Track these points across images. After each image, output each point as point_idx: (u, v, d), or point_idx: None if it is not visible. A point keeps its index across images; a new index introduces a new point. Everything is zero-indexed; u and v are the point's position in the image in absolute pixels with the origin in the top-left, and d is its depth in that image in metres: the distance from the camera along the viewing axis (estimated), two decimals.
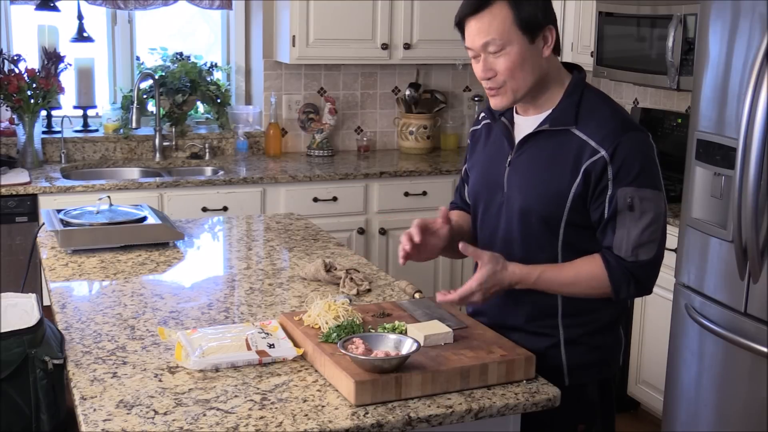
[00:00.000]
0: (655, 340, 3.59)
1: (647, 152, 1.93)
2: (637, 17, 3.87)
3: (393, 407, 1.74)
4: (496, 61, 1.91)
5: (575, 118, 1.95)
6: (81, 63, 4.53)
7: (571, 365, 2.04)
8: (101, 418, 1.68)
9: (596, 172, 1.90)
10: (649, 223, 1.91)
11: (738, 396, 2.77)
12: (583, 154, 1.92)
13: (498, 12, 1.88)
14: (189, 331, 2.02)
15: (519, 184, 2.00)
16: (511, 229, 2.03)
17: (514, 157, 2.02)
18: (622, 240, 1.91)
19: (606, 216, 1.92)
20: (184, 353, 1.91)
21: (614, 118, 1.95)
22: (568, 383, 2.01)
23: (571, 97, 1.98)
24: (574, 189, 1.93)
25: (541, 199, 1.96)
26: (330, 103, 4.82)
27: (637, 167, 1.89)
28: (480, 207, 2.13)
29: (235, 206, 4.17)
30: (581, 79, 2.02)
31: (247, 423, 1.67)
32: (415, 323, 1.99)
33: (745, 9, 2.67)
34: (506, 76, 1.92)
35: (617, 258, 1.92)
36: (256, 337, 1.98)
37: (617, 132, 1.91)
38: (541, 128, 1.98)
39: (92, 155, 4.54)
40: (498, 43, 1.89)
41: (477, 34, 1.91)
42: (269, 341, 1.97)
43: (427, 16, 4.71)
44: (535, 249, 2.01)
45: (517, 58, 1.90)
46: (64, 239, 2.77)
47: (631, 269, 1.93)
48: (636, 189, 1.89)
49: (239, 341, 1.96)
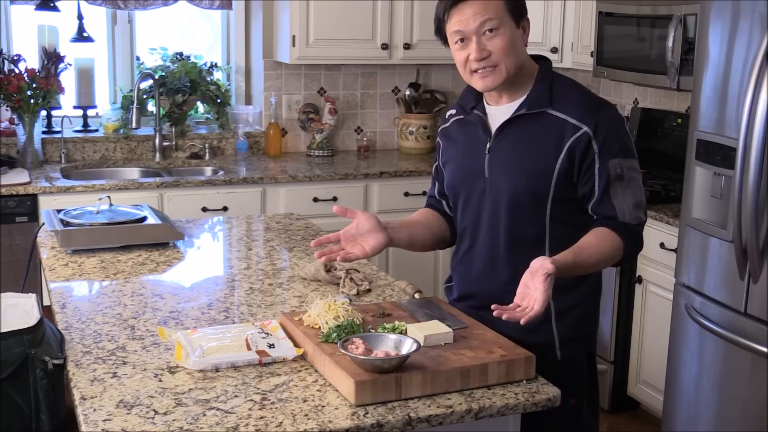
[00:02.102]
0: (655, 340, 3.59)
1: (623, 125, 2.07)
2: (637, 17, 3.87)
3: (393, 407, 1.74)
4: (489, 42, 2.01)
5: (550, 100, 2.06)
6: (81, 63, 4.53)
7: (562, 339, 2.10)
8: (101, 418, 1.68)
9: (581, 147, 2.01)
10: (637, 188, 2.05)
11: (738, 396, 2.77)
12: (565, 132, 2.02)
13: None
14: (189, 331, 2.02)
15: (503, 166, 2.08)
16: (498, 210, 2.10)
17: (494, 143, 2.10)
18: (623, 208, 2.03)
19: (598, 188, 2.02)
20: (184, 353, 1.91)
21: (588, 97, 2.08)
22: (560, 357, 2.09)
23: (542, 83, 2.09)
24: (559, 165, 2.02)
25: (528, 176, 2.05)
26: (330, 103, 4.82)
27: (618, 140, 2.03)
28: (461, 198, 2.20)
29: (235, 206, 4.17)
30: (549, 66, 2.13)
31: (247, 423, 1.67)
32: (415, 323, 1.99)
33: (745, 9, 2.67)
34: (500, 55, 2.02)
35: (624, 225, 2.03)
36: (256, 337, 1.98)
37: (594, 109, 2.03)
38: (519, 113, 2.07)
39: (92, 155, 4.54)
40: (494, 23, 2.00)
41: (473, 15, 2.00)
42: (269, 341, 1.97)
43: (427, 16, 4.70)
44: (524, 226, 2.08)
45: (510, 38, 2.02)
46: (64, 239, 2.77)
47: (635, 232, 2.05)
48: (622, 159, 2.02)
49: (239, 341, 1.96)
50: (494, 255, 2.12)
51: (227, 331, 2.04)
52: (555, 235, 2.07)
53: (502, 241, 2.10)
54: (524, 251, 2.03)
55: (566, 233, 2.04)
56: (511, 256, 2.09)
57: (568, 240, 2.00)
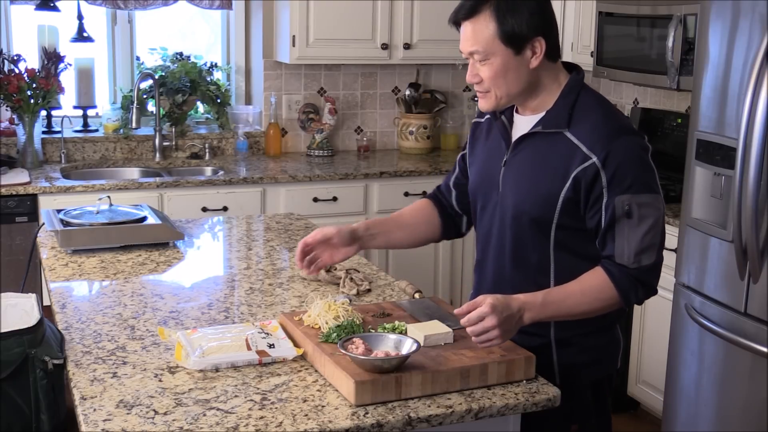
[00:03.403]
0: (655, 340, 3.59)
1: (641, 156, 1.92)
2: (637, 17, 3.87)
3: (393, 407, 1.74)
4: (481, 68, 1.95)
5: (568, 120, 1.95)
6: (81, 63, 4.53)
7: (562, 365, 2.04)
8: (101, 418, 1.68)
9: (587, 179, 1.90)
10: (648, 228, 1.90)
11: (738, 396, 2.77)
12: (573, 159, 1.91)
13: (483, 23, 1.91)
14: (189, 331, 2.02)
15: (512, 184, 2.02)
16: (504, 229, 2.05)
17: (510, 157, 2.04)
18: (623, 248, 1.91)
19: (603, 224, 1.92)
20: (184, 353, 1.91)
21: (607, 121, 1.94)
22: (559, 383, 1.99)
23: (566, 99, 1.97)
24: (564, 193, 1.93)
25: (531, 200, 1.97)
26: (330, 103, 4.82)
27: (631, 174, 1.89)
28: (478, 205, 2.15)
29: (235, 206, 4.17)
30: (579, 80, 2.01)
31: (247, 423, 1.67)
32: (415, 323, 1.99)
33: (745, 9, 2.67)
34: (490, 84, 1.95)
35: (620, 267, 1.92)
36: (256, 337, 1.98)
37: (609, 137, 1.90)
38: (535, 130, 1.99)
39: (92, 155, 4.54)
40: (481, 54, 1.93)
41: (465, 40, 1.96)
42: (269, 341, 1.97)
43: (427, 16, 4.71)
44: (528, 249, 2.01)
45: (500, 68, 1.93)
46: (64, 239, 2.77)
47: (635, 275, 1.92)
48: (632, 195, 1.89)
49: (239, 341, 1.96)
50: (501, 273, 2.07)
51: (227, 331, 2.04)
52: (561, 264, 1.99)
53: (507, 261, 2.05)
54: (529, 275, 1.99)
55: (573, 263, 1.97)
56: (517, 277, 2.02)
57: (576, 270, 1.94)
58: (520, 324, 1.86)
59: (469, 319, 1.81)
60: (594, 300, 1.93)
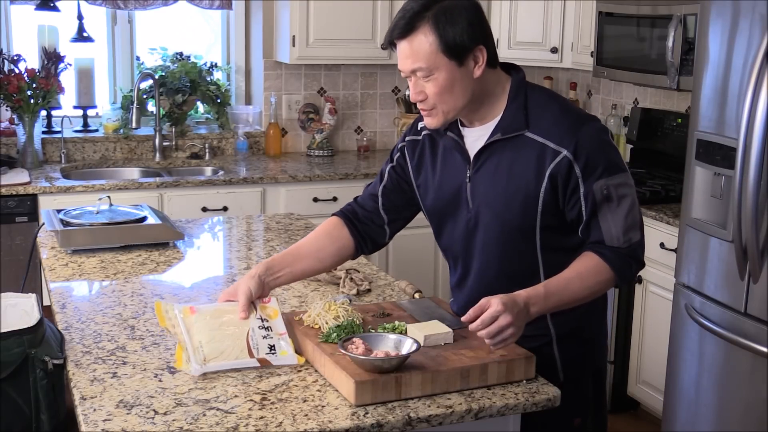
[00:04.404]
0: (655, 340, 3.59)
1: (605, 139, 1.93)
2: (637, 17, 3.87)
3: (393, 407, 1.74)
4: (425, 84, 1.90)
5: (525, 121, 1.94)
6: (81, 63, 4.53)
7: (564, 360, 2.05)
8: (101, 418, 1.68)
9: (562, 173, 1.90)
10: (629, 207, 1.93)
11: (738, 396, 2.77)
12: (545, 158, 1.90)
13: (423, 39, 1.86)
14: (186, 308, 1.97)
15: (485, 199, 1.98)
16: (489, 243, 2.01)
17: (473, 172, 2.00)
18: (610, 232, 1.92)
19: (586, 213, 1.92)
20: (185, 357, 1.90)
21: (566, 114, 1.94)
22: (562, 378, 2.02)
23: (515, 101, 1.95)
24: (543, 193, 1.92)
25: (511, 208, 1.95)
26: (330, 103, 4.82)
27: (602, 159, 1.90)
28: (447, 224, 2.09)
29: (235, 206, 4.18)
30: (521, 80, 1.98)
31: (247, 423, 1.67)
32: (415, 323, 1.98)
33: (745, 9, 2.67)
34: (436, 100, 1.91)
35: (612, 249, 1.93)
36: (257, 336, 1.95)
37: (573, 128, 1.90)
38: (494, 138, 1.95)
39: (92, 155, 4.54)
40: (425, 70, 1.87)
41: (405, 58, 1.89)
42: (270, 341, 1.96)
43: None
44: (515, 257, 2.00)
45: (445, 82, 1.88)
46: (64, 239, 2.77)
47: (628, 253, 1.94)
48: (607, 179, 1.90)
49: (240, 342, 1.94)
50: (489, 286, 2.01)
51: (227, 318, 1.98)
52: (549, 264, 1.99)
53: (494, 274, 2.02)
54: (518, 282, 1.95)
55: (561, 259, 1.96)
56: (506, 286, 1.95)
57: (564, 265, 1.94)
58: (528, 319, 1.86)
59: (482, 321, 1.78)
60: (593, 283, 1.93)
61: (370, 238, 2.21)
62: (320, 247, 2.16)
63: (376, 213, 2.22)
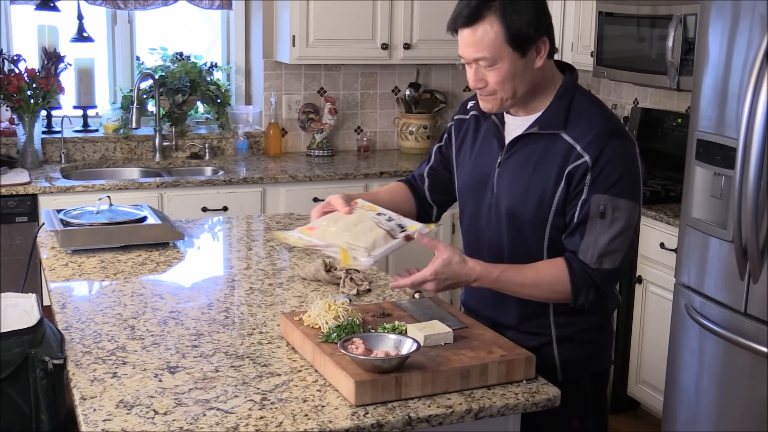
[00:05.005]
0: (655, 340, 3.59)
1: (630, 162, 1.93)
2: (637, 17, 3.87)
3: (393, 407, 1.74)
4: (486, 72, 1.92)
5: (564, 122, 1.95)
6: (81, 63, 4.53)
7: (563, 361, 2.06)
8: (101, 418, 1.68)
9: (577, 176, 1.91)
10: (618, 232, 1.90)
11: (738, 396, 2.77)
12: (569, 159, 1.92)
13: (489, 28, 1.87)
14: (303, 228, 2.01)
15: (508, 186, 2.01)
16: (500, 230, 2.04)
17: (504, 158, 2.02)
18: (588, 246, 1.91)
19: (576, 220, 1.92)
20: (351, 257, 1.91)
21: (602, 123, 1.94)
22: (561, 379, 2.02)
23: (561, 101, 1.97)
24: (558, 193, 1.94)
25: (527, 202, 1.97)
26: (330, 103, 4.82)
27: (615, 176, 1.89)
28: (469, 206, 2.13)
29: (235, 206, 4.18)
30: (573, 81, 2.01)
31: (247, 423, 1.67)
32: (415, 323, 1.99)
33: (745, 9, 2.67)
34: (497, 87, 1.93)
35: (581, 263, 1.92)
36: (384, 223, 1.99)
37: (603, 138, 1.91)
38: (530, 131, 1.98)
39: (92, 155, 4.55)
40: (488, 60, 1.89)
41: (468, 46, 1.90)
42: (398, 222, 2.00)
43: (427, 16, 4.71)
44: (523, 251, 2.01)
45: (507, 72, 1.90)
46: (64, 239, 2.77)
47: (593, 276, 1.92)
48: (611, 197, 1.89)
49: (380, 231, 1.96)
50: None
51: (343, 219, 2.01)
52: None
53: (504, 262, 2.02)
54: None
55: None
56: None
57: None
58: (465, 285, 1.96)
59: (413, 281, 1.92)
60: (544, 291, 1.96)
61: (425, 213, 2.29)
62: (394, 201, 2.22)
63: (424, 192, 2.30)
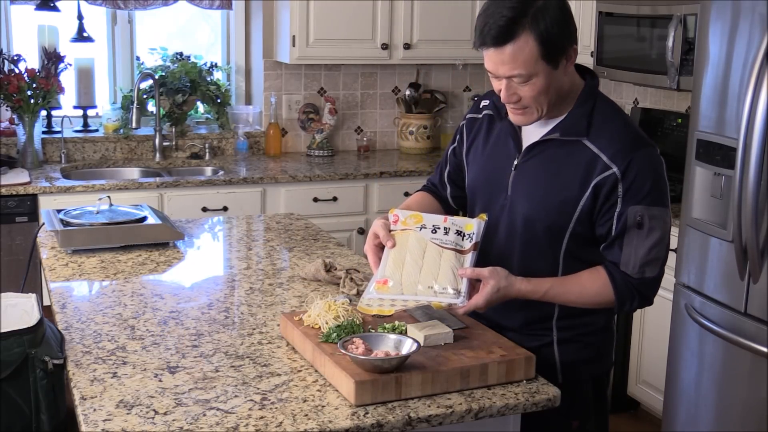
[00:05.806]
0: (655, 340, 3.59)
1: (658, 169, 1.92)
2: (637, 17, 3.87)
3: (393, 407, 1.74)
4: (520, 87, 1.88)
5: (587, 129, 1.93)
6: (81, 63, 4.53)
7: (564, 362, 2.05)
8: (101, 418, 1.68)
9: (606, 188, 1.90)
10: (656, 241, 1.91)
11: (738, 396, 2.77)
12: (594, 169, 1.90)
13: (524, 45, 1.81)
14: (379, 284, 1.93)
15: (526, 190, 1.99)
16: (513, 234, 2.02)
17: (521, 161, 2.00)
18: (629, 257, 1.92)
19: (614, 233, 1.92)
20: (445, 305, 1.89)
21: (626, 132, 1.93)
22: (561, 380, 2.02)
23: (583, 107, 1.95)
24: (583, 202, 1.92)
25: (547, 208, 1.95)
26: (330, 103, 4.82)
27: (647, 186, 1.89)
28: (478, 204, 2.12)
29: (235, 206, 4.18)
30: (594, 86, 1.99)
31: (247, 423, 1.67)
32: (415, 323, 1.99)
33: (745, 9, 2.67)
34: (530, 102, 1.90)
35: (623, 274, 1.93)
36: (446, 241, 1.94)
37: (629, 148, 1.89)
38: (551, 136, 1.96)
39: (92, 155, 4.55)
40: (524, 77, 1.85)
41: (501, 65, 1.85)
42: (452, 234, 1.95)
43: (427, 16, 4.71)
44: (536, 256, 2.00)
45: (542, 86, 1.87)
46: (64, 239, 2.77)
47: (636, 286, 1.94)
48: (646, 207, 1.89)
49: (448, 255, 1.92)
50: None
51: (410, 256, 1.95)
52: (568, 272, 1.99)
53: (514, 266, 2.00)
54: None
55: (579, 269, 1.98)
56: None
57: None
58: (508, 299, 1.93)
59: (466, 312, 1.89)
60: (589, 302, 1.97)
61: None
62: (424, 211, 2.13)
63: (446, 199, 2.28)
